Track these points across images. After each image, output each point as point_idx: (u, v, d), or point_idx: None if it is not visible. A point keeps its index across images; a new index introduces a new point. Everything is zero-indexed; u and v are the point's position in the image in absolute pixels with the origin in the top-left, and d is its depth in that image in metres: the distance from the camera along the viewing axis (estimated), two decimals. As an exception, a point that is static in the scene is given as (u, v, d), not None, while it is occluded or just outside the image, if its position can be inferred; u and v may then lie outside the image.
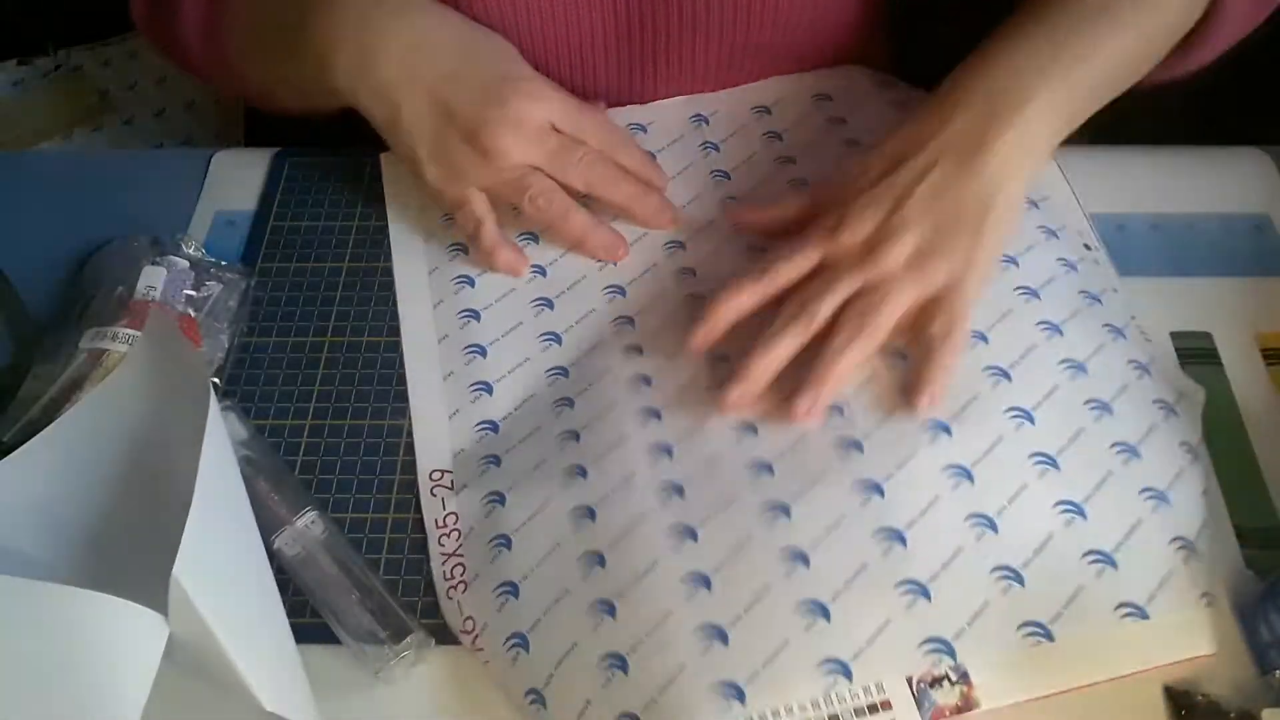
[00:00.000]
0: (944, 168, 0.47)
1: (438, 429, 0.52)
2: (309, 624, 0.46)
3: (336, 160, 0.64)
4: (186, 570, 0.36)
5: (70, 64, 1.22)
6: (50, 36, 1.22)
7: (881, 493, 0.45)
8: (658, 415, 0.50)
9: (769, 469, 0.47)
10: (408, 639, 0.44)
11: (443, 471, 0.50)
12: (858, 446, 0.47)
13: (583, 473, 0.48)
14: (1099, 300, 0.53)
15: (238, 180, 0.63)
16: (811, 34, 0.62)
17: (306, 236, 0.60)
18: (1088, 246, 0.56)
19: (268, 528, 0.47)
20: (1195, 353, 0.54)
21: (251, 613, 0.41)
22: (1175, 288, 0.56)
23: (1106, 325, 0.52)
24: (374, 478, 0.51)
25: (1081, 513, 0.46)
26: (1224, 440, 0.50)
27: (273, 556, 0.46)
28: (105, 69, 1.22)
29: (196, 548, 0.36)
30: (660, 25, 0.61)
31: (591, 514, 0.47)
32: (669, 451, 0.48)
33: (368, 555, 0.48)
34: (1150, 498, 0.46)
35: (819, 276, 0.48)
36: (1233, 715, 0.42)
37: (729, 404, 0.47)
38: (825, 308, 0.47)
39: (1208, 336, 0.54)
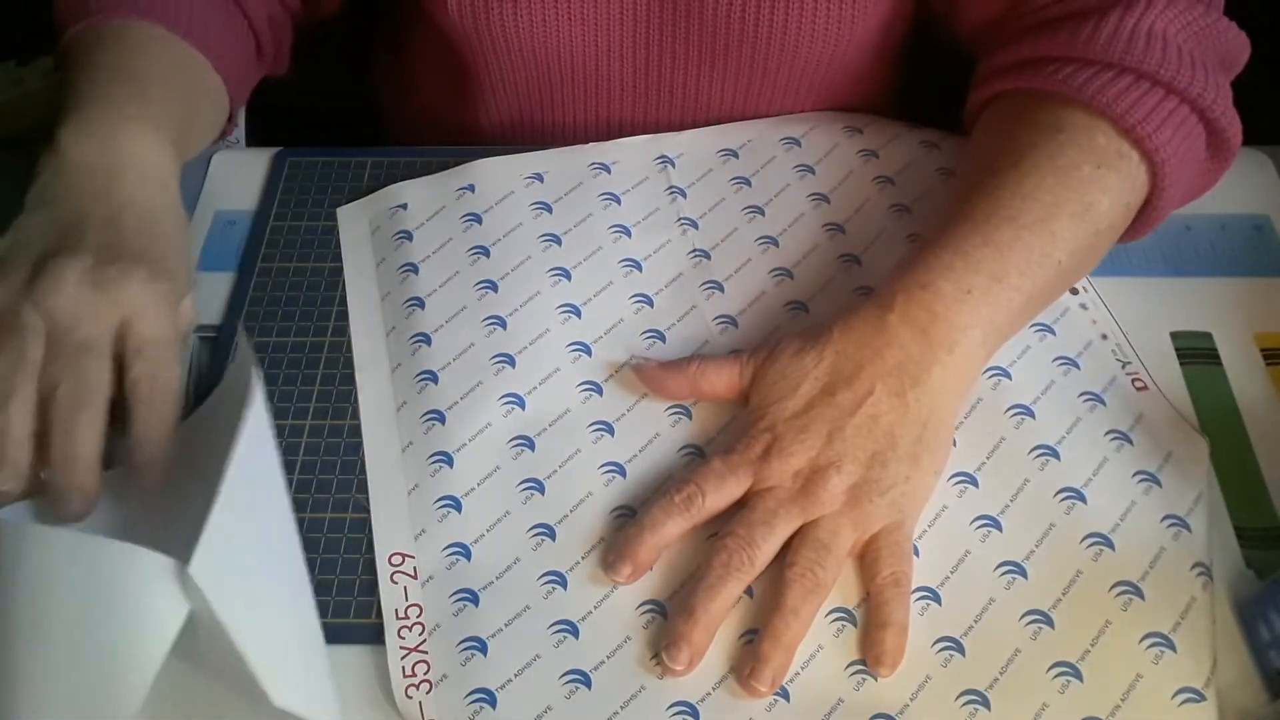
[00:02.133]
0: (878, 399, 0.46)
1: (396, 506, 0.49)
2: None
3: (336, 160, 0.64)
4: (202, 562, 0.37)
5: (70, 64, 1.22)
6: (50, 36, 1.22)
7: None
8: (633, 512, 0.48)
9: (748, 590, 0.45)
10: None
11: (404, 556, 0.47)
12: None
13: (562, 583, 0.46)
14: (1076, 365, 0.52)
15: (238, 180, 0.63)
16: (827, 68, 0.62)
17: (306, 236, 0.60)
18: (1073, 290, 0.55)
19: None
20: (1195, 353, 0.54)
21: (270, 607, 0.41)
22: (1175, 288, 0.56)
23: (1083, 395, 0.51)
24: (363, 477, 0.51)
25: (1049, 623, 0.45)
26: (1224, 440, 0.50)
27: None
28: (105, 69, 1.22)
29: (216, 540, 0.37)
30: (679, 53, 0.61)
31: (575, 631, 0.45)
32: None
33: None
34: (1122, 593, 0.45)
35: (752, 508, 0.45)
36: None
37: (680, 670, 0.43)
38: (765, 554, 0.44)
39: (1208, 336, 0.54)
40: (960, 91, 0.58)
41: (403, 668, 0.44)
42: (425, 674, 0.44)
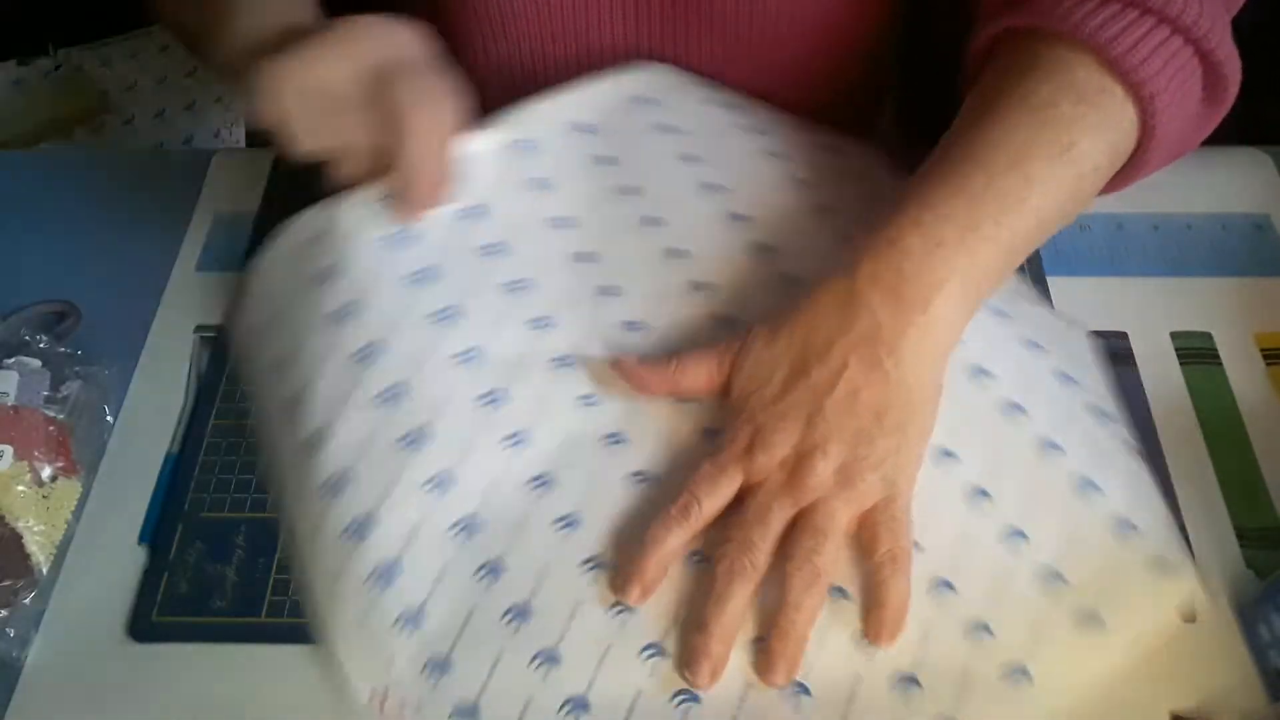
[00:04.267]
0: (854, 371, 0.44)
1: (354, 642, 0.42)
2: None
3: (336, 160, 0.64)
4: None
5: (70, 64, 1.22)
6: (50, 37, 1.22)
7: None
8: (604, 563, 0.43)
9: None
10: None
11: (383, 693, 0.41)
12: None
13: (555, 661, 0.42)
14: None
15: (238, 180, 0.63)
16: (804, 33, 0.62)
17: (306, 236, 0.60)
18: None
19: None
20: (1195, 353, 0.54)
21: None
22: (1175, 288, 0.56)
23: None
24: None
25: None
26: (1224, 440, 0.50)
27: None
28: (105, 69, 1.22)
29: None
30: (667, 12, 0.61)
31: (586, 706, 0.41)
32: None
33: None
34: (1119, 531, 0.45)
35: (745, 508, 0.44)
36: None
37: (703, 685, 0.42)
38: (766, 552, 0.43)
39: (1208, 336, 0.54)
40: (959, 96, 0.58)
41: None
42: None
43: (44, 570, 0.47)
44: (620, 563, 0.44)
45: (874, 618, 0.43)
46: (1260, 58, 0.55)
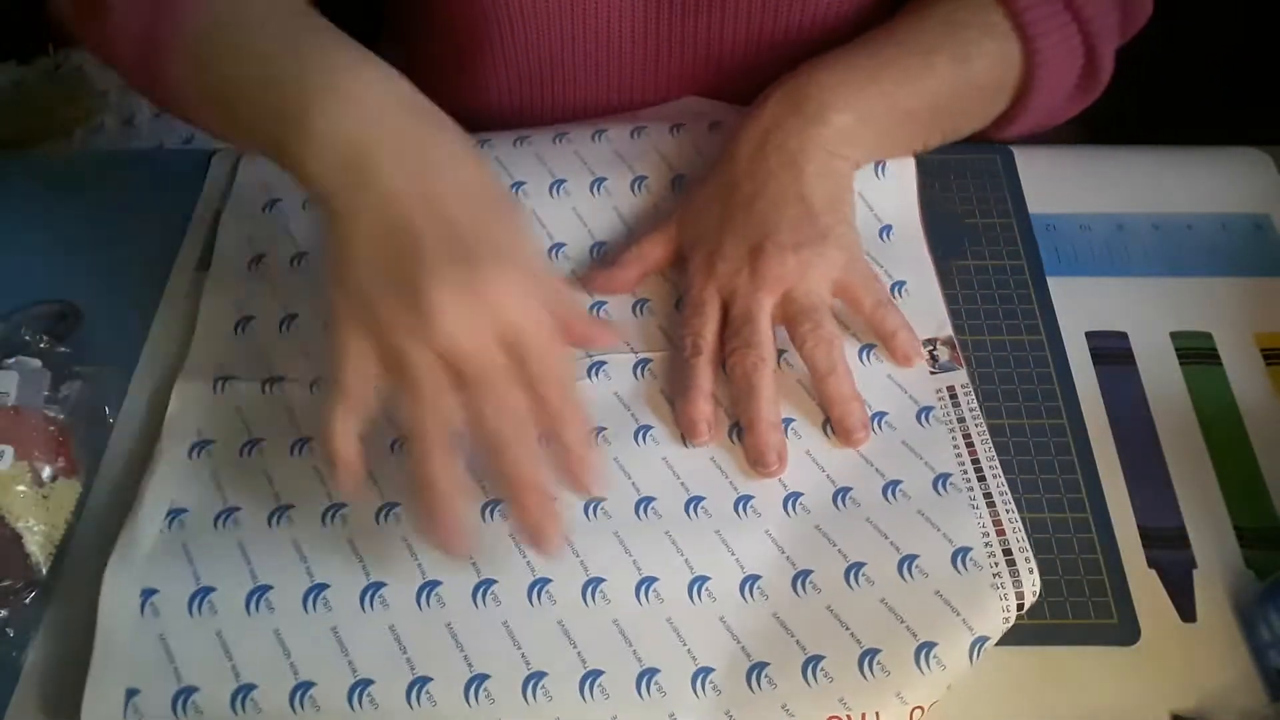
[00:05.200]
0: (776, 175, 0.51)
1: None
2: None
3: (336, 160, 0.63)
4: None
5: (70, 64, 1.22)
6: (50, 37, 1.22)
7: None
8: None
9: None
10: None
11: None
12: None
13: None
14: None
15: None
16: (834, 24, 0.62)
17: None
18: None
19: None
20: (1195, 353, 0.54)
21: None
22: (1175, 288, 0.56)
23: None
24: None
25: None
26: (1224, 440, 0.50)
27: None
28: (105, 69, 1.22)
29: None
30: (690, 5, 0.61)
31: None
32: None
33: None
34: None
35: (731, 318, 0.50)
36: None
37: (775, 471, 0.47)
38: (766, 343, 0.48)
39: (1208, 336, 0.54)
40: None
41: None
42: None
43: (44, 570, 0.47)
44: (678, 414, 0.49)
45: (895, 347, 0.50)
46: (1259, 58, 0.56)
